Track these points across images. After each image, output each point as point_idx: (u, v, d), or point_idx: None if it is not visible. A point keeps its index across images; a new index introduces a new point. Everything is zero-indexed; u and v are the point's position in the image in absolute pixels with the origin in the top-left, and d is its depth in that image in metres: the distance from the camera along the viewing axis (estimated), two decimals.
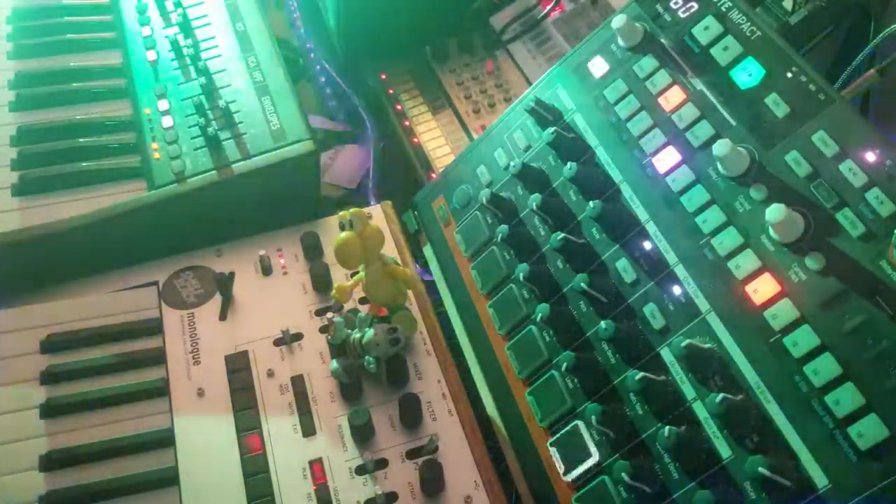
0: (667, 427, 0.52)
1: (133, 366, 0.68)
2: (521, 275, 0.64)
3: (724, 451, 0.52)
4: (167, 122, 0.79)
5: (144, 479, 0.62)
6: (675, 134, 0.62)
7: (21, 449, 0.64)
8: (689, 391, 0.54)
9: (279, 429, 0.64)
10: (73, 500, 0.62)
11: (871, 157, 0.53)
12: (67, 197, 0.75)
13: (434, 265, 0.76)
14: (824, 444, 0.48)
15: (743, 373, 0.52)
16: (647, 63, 0.65)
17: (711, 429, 0.53)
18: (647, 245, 0.60)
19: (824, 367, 0.49)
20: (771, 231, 0.54)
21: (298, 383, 0.67)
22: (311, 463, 0.62)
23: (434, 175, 0.87)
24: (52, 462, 0.63)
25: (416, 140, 0.92)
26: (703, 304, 0.56)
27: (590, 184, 0.64)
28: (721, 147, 0.56)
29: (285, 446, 0.63)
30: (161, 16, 0.89)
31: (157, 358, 0.69)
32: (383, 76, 0.98)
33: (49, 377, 0.68)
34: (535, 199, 0.65)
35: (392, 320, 0.67)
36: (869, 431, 0.46)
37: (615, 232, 0.62)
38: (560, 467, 0.59)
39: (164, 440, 0.64)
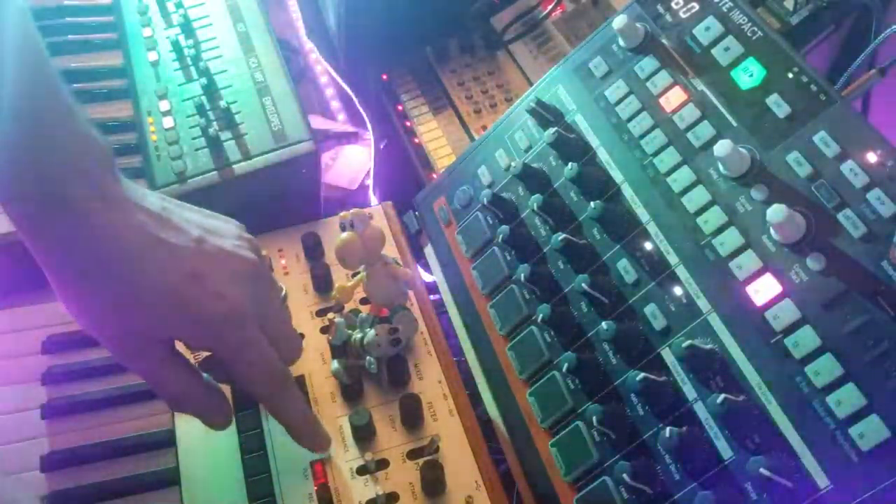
0: (668, 428, 0.52)
1: None
2: (522, 275, 0.64)
3: (726, 451, 0.52)
4: (168, 122, 0.79)
5: (145, 479, 0.62)
6: (676, 134, 0.62)
7: (22, 449, 0.64)
8: (690, 392, 0.54)
9: (280, 429, 0.64)
10: (75, 500, 0.62)
11: (872, 157, 0.53)
12: None
13: (435, 266, 0.76)
14: (826, 444, 0.48)
15: (744, 373, 0.52)
16: (648, 63, 0.65)
17: (713, 429, 0.53)
18: (648, 246, 0.60)
19: (825, 368, 0.49)
20: (772, 231, 0.54)
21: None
22: (311, 463, 0.62)
23: (435, 175, 0.87)
24: (53, 462, 0.63)
25: (417, 140, 0.92)
26: (704, 304, 0.56)
27: (591, 184, 0.64)
28: (722, 147, 0.56)
29: (286, 447, 0.63)
30: (162, 17, 0.89)
31: None
32: (384, 77, 0.99)
33: (50, 378, 0.68)
34: (536, 200, 0.65)
35: (393, 321, 0.67)
36: (870, 432, 0.46)
37: (616, 232, 0.62)
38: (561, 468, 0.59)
39: (166, 441, 0.64)
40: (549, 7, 0.97)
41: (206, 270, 0.51)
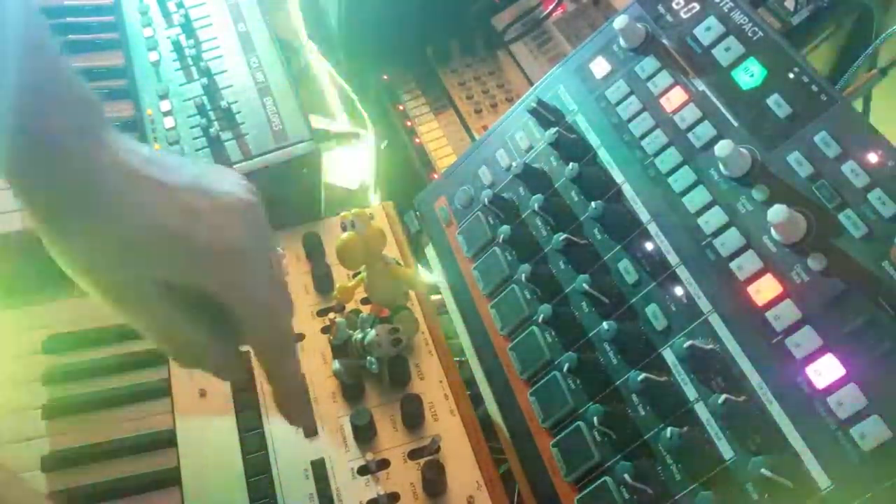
0: (669, 428, 0.52)
1: (135, 366, 0.68)
2: (523, 275, 0.64)
3: (727, 452, 0.52)
4: (169, 122, 0.79)
5: (146, 479, 0.62)
6: (677, 134, 0.62)
7: (23, 450, 0.64)
8: (691, 392, 0.54)
9: (281, 429, 0.64)
10: (75, 500, 0.61)
11: (873, 157, 0.53)
12: None
13: (436, 266, 0.76)
14: (827, 445, 0.48)
15: (745, 374, 0.52)
16: (649, 64, 0.65)
17: (713, 430, 0.53)
18: (649, 246, 0.60)
19: (826, 368, 0.49)
20: (773, 232, 0.54)
21: None
22: (312, 463, 0.62)
23: (436, 176, 0.87)
24: (54, 463, 0.63)
25: (417, 140, 0.92)
26: (704, 304, 0.56)
27: (591, 184, 0.64)
28: (723, 148, 0.56)
29: (287, 447, 0.63)
30: (163, 16, 0.89)
31: (159, 358, 0.69)
32: (385, 77, 0.99)
33: (51, 378, 0.68)
34: (536, 200, 0.65)
35: (394, 321, 0.67)
36: (871, 433, 0.46)
37: (617, 233, 0.62)
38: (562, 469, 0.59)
39: (166, 440, 0.64)
40: (550, 7, 0.97)
41: (202, 207, 0.47)
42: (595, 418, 0.56)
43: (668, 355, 0.56)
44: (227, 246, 0.47)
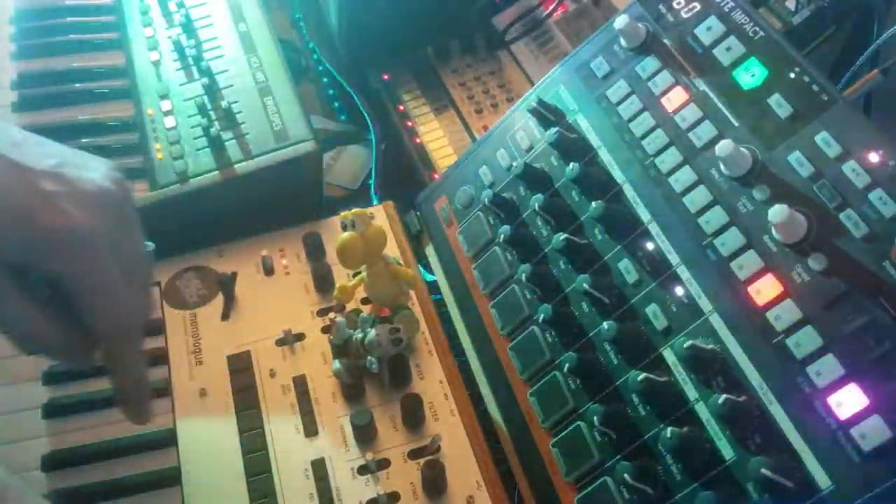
0: (669, 428, 0.52)
1: None
2: (524, 275, 0.64)
3: (727, 452, 0.52)
4: (170, 122, 0.79)
5: (147, 479, 0.63)
6: (678, 134, 0.62)
7: (23, 449, 0.64)
8: (691, 392, 0.54)
9: (281, 429, 0.64)
10: (76, 500, 0.62)
11: (874, 157, 0.52)
12: None
13: (436, 265, 0.76)
14: (827, 445, 0.48)
15: (745, 374, 0.52)
16: (650, 64, 0.65)
17: (714, 430, 0.52)
18: (650, 246, 0.60)
19: (827, 369, 0.49)
20: (773, 232, 0.54)
21: (300, 383, 0.67)
22: (313, 463, 0.62)
23: (436, 175, 0.87)
24: (54, 462, 0.63)
25: (418, 140, 0.92)
26: (705, 304, 0.56)
27: (592, 184, 0.64)
28: (723, 147, 0.56)
29: (287, 446, 0.63)
30: (164, 16, 0.89)
31: (159, 358, 0.69)
32: (385, 77, 0.99)
33: (51, 377, 0.68)
34: (537, 200, 0.65)
35: (394, 320, 0.67)
36: (872, 433, 0.46)
37: (617, 233, 0.62)
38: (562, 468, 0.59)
39: (167, 440, 0.64)
40: (551, 7, 0.97)
41: (58, 192, 0.46)
42: (595, 418, 0.56)
43: (669, 355, 0.56)
44: (72, 230, 0.46)
